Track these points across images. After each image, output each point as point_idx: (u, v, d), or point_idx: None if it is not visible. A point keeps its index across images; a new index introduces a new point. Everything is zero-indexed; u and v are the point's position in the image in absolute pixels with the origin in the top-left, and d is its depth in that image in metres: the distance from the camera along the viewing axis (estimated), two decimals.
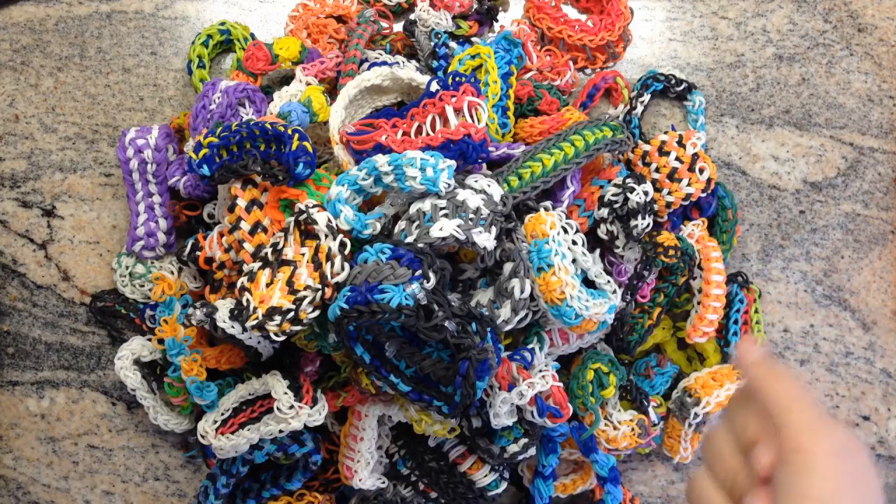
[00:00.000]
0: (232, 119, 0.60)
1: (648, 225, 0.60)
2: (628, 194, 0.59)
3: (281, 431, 0.55)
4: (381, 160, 0.52)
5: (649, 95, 0.69)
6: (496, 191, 0.53)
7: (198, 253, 0.59)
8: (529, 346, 0.58)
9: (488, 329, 0.51)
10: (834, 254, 0.69)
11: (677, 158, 0.62)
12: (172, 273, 0.64)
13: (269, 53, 0.64)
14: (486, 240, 0.51)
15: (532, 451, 0.57)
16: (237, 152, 0.55)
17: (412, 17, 0.67)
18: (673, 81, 0.69)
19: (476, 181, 0.54)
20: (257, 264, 0.52)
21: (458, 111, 0.55)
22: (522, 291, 0.52)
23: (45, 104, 0.69)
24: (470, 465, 0.59)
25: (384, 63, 0.63)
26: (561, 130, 0.60)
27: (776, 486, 0.42)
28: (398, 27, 0.70)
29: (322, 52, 0.66)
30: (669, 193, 0.62)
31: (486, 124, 0.58)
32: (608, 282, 0.58)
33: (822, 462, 0.40)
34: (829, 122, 0.70)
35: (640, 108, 0.68)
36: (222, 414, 0.57)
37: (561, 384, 0.57)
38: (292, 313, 0.50)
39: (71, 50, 0.70)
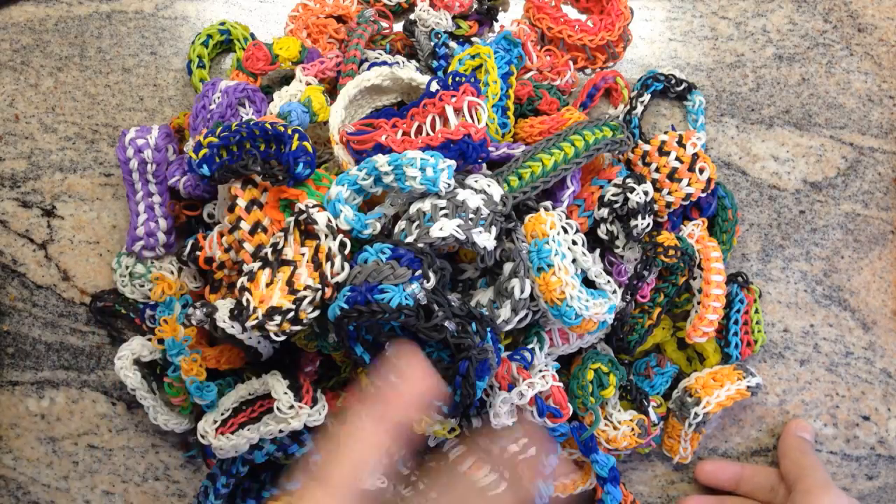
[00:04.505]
0: (232, 119, 0.60)
1: (648, 225, 0.60)
2: (628, 194, 0.59)
3: (281, 431, 0.55)
4: (381, 160, 0.52)
5: (649, 95, 0.69)
6: (496, 191, 0.53)
7: (198, 253, 0.59)
8: (529, 346, 0.58)
9: (488, 329, 0.51)
10: (834, 254, 0.69)
11: (677, 158, 0.62)
12: (172, 273, 0.64)
13: (269, 53, 0.64)
14: (486, 240, 0.51)
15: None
16: (237, 152, 0.55)
17: (412, 17, 0.67)
18: (673, 81, 0.69)
19: (476, 181, 0.54)
20: (257, 264, 0.52)
21: (458, 111, 0.55)
22: (522, 291, 0.52)
23: (45, 104, 0.69)
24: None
25: (384, 63, 0.63)
26: (561, 130, 0.60)
27: None
28: (398, 27, 0.70)
29: (322, 52, 0.66)
30: (669, 193, 0.62)
31: (486, 124, 0.58)
32: (608, 282, 0.58)
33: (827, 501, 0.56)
34: (829, 122, 0.70)
35: (640, 108, 0.68)
36: (222, 414, 0.57)
37: (561, 384, 0.57)
38: (292, 313, 0.50)
39: (71, 50, 0.70)
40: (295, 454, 0.57)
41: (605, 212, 0.60)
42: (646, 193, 0.59)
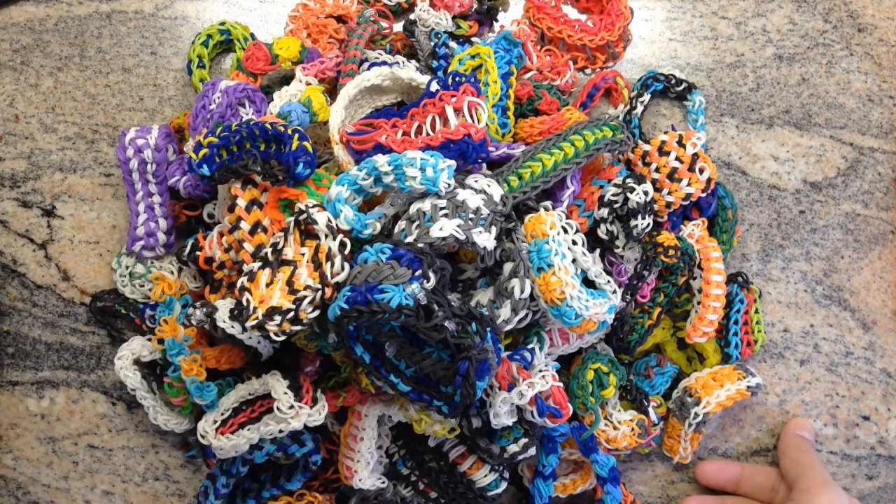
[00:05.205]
0: (232, 119, 0.60)
1: (648, 225, 0.60)
2: (628, 194, 0.59)
3: (281, 431, 0.55)
4: (381, 160, 0.52)
5: (649, 95, 0.69)
6: (496, 191, 0.53)
7: (198, 253, 0.59)
8: (529, 346, 0.58)
9: (488, 329, 0.51)
10: (834, 254, 0.69)
11: (677, 158, 0.62)
12: (172, 273, 0.64)
13: (269, 53, 0.64)
14: (486, 240, 0.51)
15: (532, 451, 0.57)
16: (237, 152, 0.55)
17: (412, 17, 0.67)
18: (673, 81, 0.69)
19: (476, 181, 0.54)
20: (257, 264, 0.53)
21: (458, 111, 0.55)
22: (522, 291, 0.52)
23: (45, 104, 0.69)
24: (470, 465, 0.59)
25: (384, 63, 0.63)
26: (561, 130, 0.60)
27: None
28: (398, 27, 0.70)
29: (322, 52, 0.66)
30: (669, 193, 0.62)
31: (486, 124, 0.58)
32: (608, 282, 0.58)
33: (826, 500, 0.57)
34: (829, 122, 0.70)
35: (640, 108, 0.68)
36: (222, 414, 0.57)
37: (561, 384, 0.57)
38: (292, 313, 0.50)
39: (71, 50, 0.70)
40: (295, 454, 0.57)
41: (605, 212, 0.60)
42: (646, 193, 0.59)
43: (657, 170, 0.62)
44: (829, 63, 0.71)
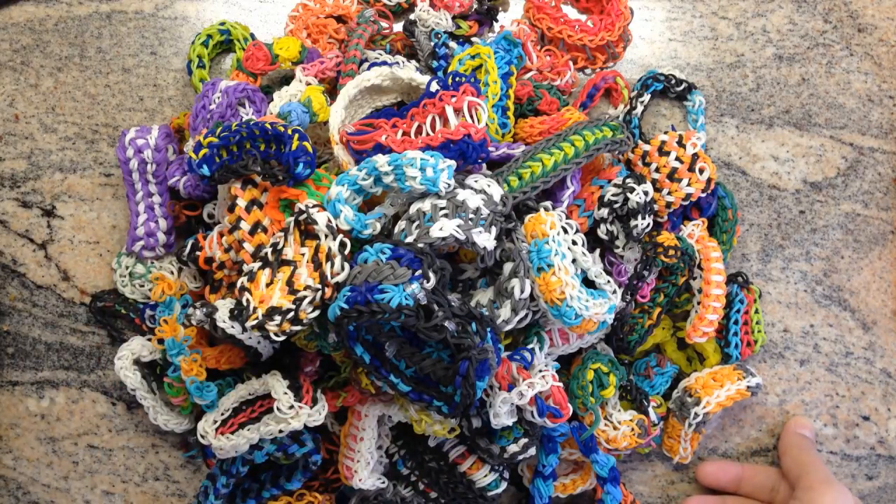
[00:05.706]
0: (232, 119, 0.60)
1: (648, 225, 0.60)
2: (628, 194, 0.59)
3: (281, 431, 0.55)
4: (381, 160, 0.52)
5: (649, 95, 0.69)
6: (496, 191, 0.53)
7: (198, 253, 0.59)
8: (529, 346, 0.58)
9: (488, 329, 0.51)
10: (834, 254, 0.69)
11: (677, 158, 0.62)
12: (172, 273, 0.64)
13: (269, 53, 0.64)
14: (486, 240, 0.51)
15: (532, 451, 0.57)
16: (237, 152, 0.55)
17: (412, 17, 0.67)
18: (673, 81, 0.69)
19: (476, 181, 0.54)
20: (257, 264, 0.53)
21: (458, 111, 0.55)
22: (522, 291, 0.52)
23: (45, 104, 0.69)
24: (470, 465, 0.59)
25: (384, 63, 0.63)
26: (561, 130, 0.60)
27: None
28: (398, 27, 0.70)
29: (322, 52, 0.66)
30: (669, 193, 0.62)
31: (486, 124, 0.58)
32: (608, 282, 0.58)
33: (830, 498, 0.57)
34: (829, 122, 0.70)
35: (640, 108, 0.68)
36: (222, 414, 0.57)
37: (561, 384, 0.57)
38: (292, 313, 0.50)
39: (71, 50, 0.70)
40: (295, 454, 0.57)
41: (605, 212, 0.60)
42: (646, 193, 0.59)
43: (657, 170, 0.62)
44: (829, 63, 0.71)
